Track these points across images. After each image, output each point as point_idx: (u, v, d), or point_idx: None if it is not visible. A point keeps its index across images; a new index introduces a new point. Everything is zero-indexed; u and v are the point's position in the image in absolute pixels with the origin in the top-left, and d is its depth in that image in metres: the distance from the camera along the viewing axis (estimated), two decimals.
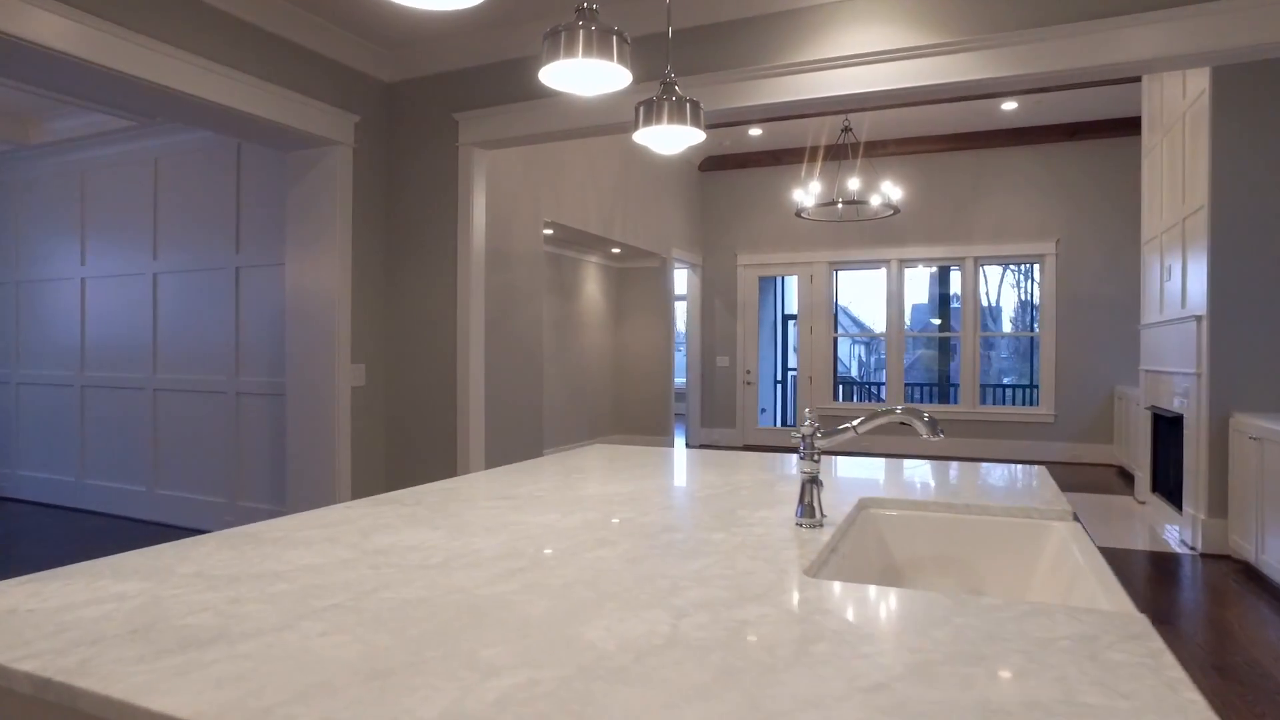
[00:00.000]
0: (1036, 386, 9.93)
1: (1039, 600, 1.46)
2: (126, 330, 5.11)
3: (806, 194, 6.24)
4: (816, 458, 1.51)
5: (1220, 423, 4.28)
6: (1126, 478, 7.06)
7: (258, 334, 4.50)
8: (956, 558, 1.75)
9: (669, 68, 2.13)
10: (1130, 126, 7.50)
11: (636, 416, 8.65)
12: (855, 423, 1.52)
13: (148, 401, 4.96)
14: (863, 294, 11.43)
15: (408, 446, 3.97)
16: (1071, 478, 7.04)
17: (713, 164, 9.29)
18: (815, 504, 1.49)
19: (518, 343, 5.48)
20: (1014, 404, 9.71)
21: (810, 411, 1.55)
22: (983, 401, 8.52)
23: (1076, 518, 1.69)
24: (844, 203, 6.08)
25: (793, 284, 10.61)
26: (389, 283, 4.04)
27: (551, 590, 1.04)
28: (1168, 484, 5.44)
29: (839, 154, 8.54)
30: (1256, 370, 4.22)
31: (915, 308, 13.09)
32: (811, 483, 1.50)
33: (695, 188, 9.33)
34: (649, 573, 1.13)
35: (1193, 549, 4.43)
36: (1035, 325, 8.35)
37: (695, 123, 2.09)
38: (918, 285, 11.61)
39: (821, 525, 1.48)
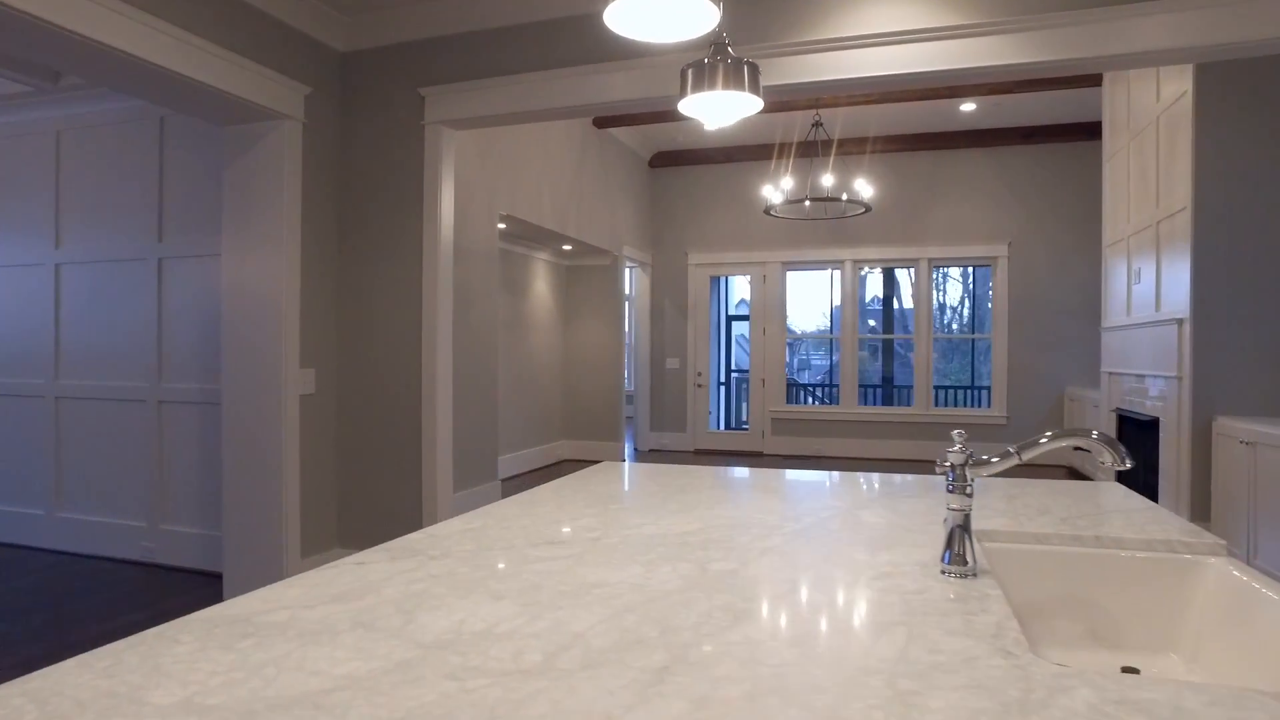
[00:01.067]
0: (985, 388, 10.04)
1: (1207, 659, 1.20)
2: (22, 330, 4.45)
3: (776, 190, 6.02)
4: (969, 490, 1.22)
5: (1203, 426, 4.25)
6: (1076, 478, 7.14)
7: (185, 335, 3.96)
8: (1087, 600, 1.49)
9: (721, 27, 1.82)
10: (1083, 132, 7.61)
11: (586, 421, 8.30)
12: (1015, 447, 1.23)
13: (48, 412, 4.33)
14: (799, 295, 11.32)
15: (365, 461, 3.53)
16: (1014, 476, 7.05)
17: (664, 160, 9.03)
18: (967, 549, 1.20)
19: (472, 344, 5.06)
20: (966, 406, 9.79)
21: (960, 434, 1.26)
22: (936, 404, 8.53)
23: (1230, 551, 1.48)
24: (812, 200, 5.89)
25: (736, 284, 10.46)
26: (343, 277, 3.58)
27: (736, 711, 0.72)
28: (1134, 486, 5.45)
29: (802, 151, 8.39)
30: (1239, 374, 4.21)
31: (810, 310, 13.08)
32: (964, 525, 1.21)
33: (646, 184, 9.04)
34: (842, 664, 0.82)
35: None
36: (974, 328, 8.42)
37: (754, 89, 1.78)
38: (821, 287, 11.62)
39: (975, 574, 1.19)
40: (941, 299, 11.97)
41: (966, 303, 11.96)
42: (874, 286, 13.85)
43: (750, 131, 8.16)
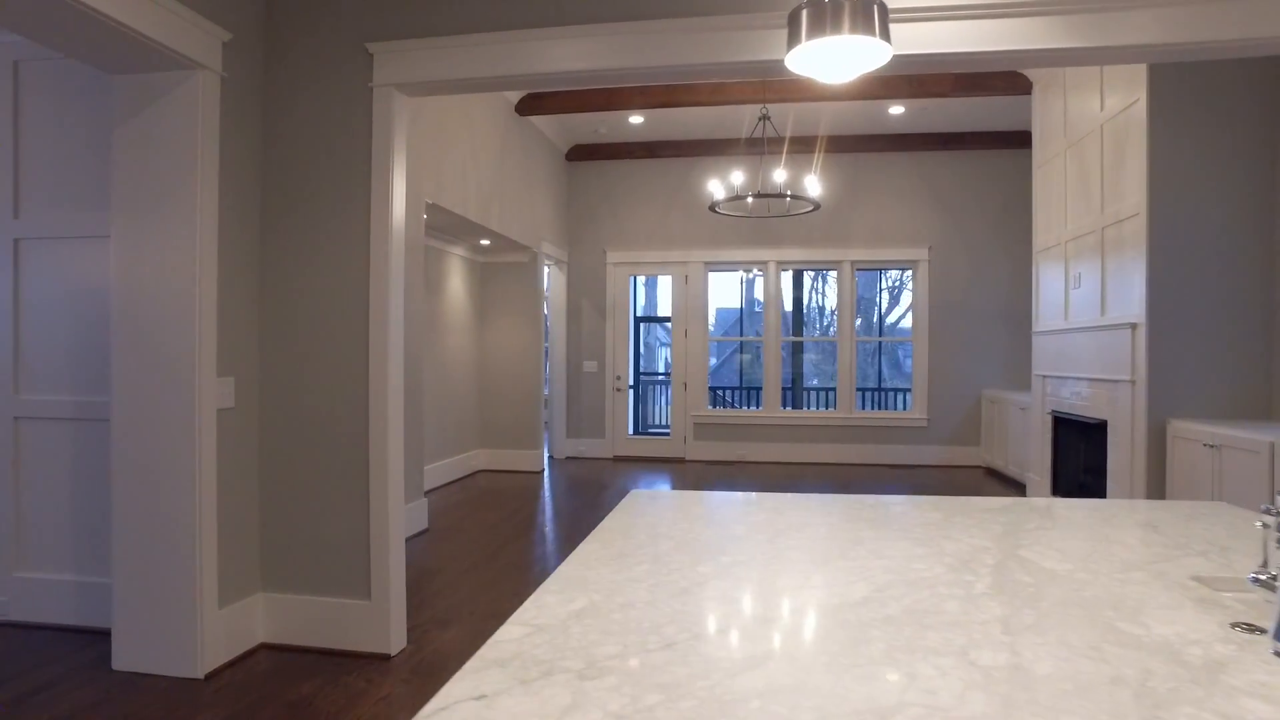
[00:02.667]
0: (901, 390, 10.24)
1: None
2: None
3: (721, 186, 5.76)
4: None
5: (1158, 429, 4.30)
6: (995, 477, 7.30)
7: (52, 336, 3.21)
8: None
9: None
10: (1001, 140, 7.81)
11: (503, 428, 7.76)
12: None
13: None
14: (719, 296, 11.19)
15: (296, 487, 2.94)
16: (947, 480, 7.16)
17: (582, 153, 8.61)
18: None
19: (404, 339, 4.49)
20: (887, 408, 9.91)
21: None
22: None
23: None
24: (756, 197, 5.67)
25: (644, 284, 10.18)
26: (270, 267, 2.98)
27: None
28: (1070, 487, 5.54)
29: (734, 148, 8.19)
30: (1192, 377, 4.28)
31: (721, 311, 13.13)
32: None
33: (563, 178, 8.60)
34: None
35: None
36: (874, 331, 8.54)
37: (883, 33, 1.45)
38: (729, 288, 11.63)
39: None
40: (820, 302, 12.19)
41: (876, 305, 12.22)
42: (749, 289, 13.94)
43: (674, 126, 7.89)
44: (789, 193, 5.62)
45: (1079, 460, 5.49)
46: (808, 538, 1.53)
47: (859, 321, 16.88)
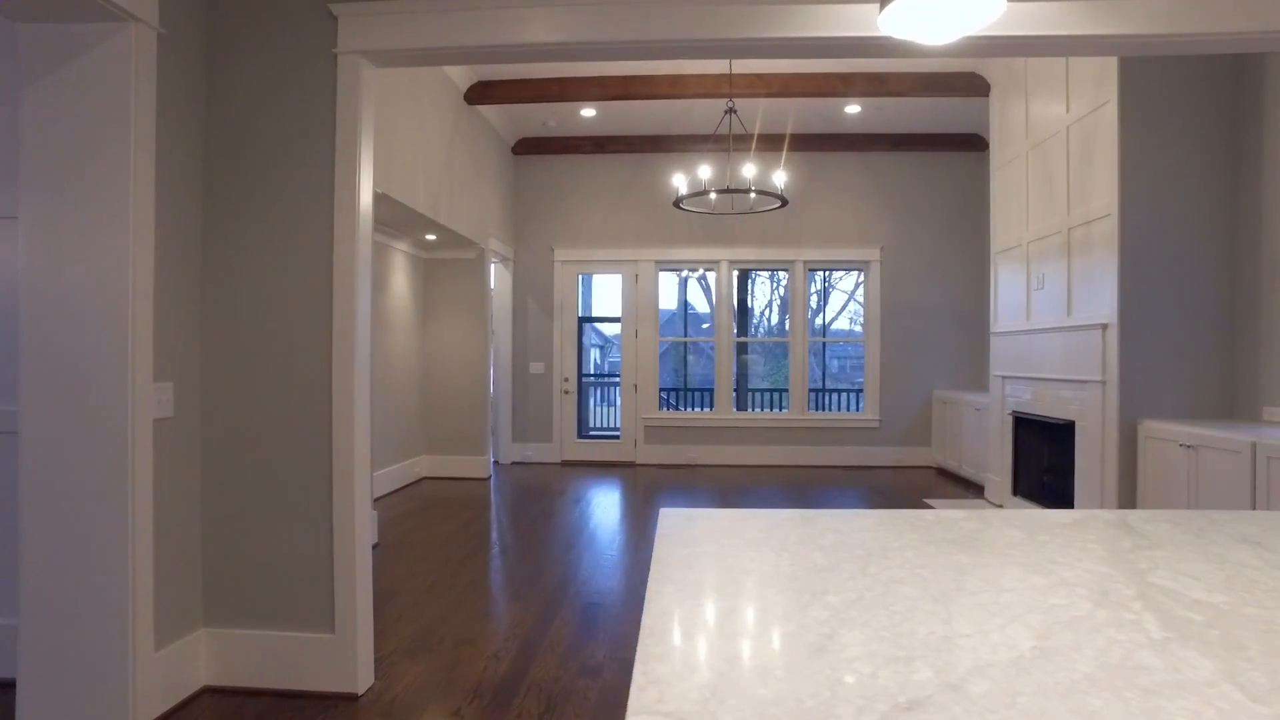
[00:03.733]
0: (850, 390, 10.27)
1: None
2: None
3: (685, 181, 5.56)
4: None
5: (1128, 430, 4.31)
6: (948, 477, 7.34)
7: None
8: None
9: None
10: (950, 142, 7.87)
11: (448, 432, 7.38)
12: None
13: None
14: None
15: (245, 506, 2.58)
16: (901, 481, 7.16)
17: (529, 147, 8.29)
18: None
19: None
20: (840, 409, 9.90)
21: None
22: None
23: None
24: (720, 192, 5.49)
25: (588, 283, 9.89)
26: (216, 256, 2.61)
27: None
28: (1031, 488, 5.57)
29: (692, 144, 8.00)
30: (1162, 378, 4.31)
31: (664, 312, 12.97)
32: None
33: (509, 172, 8.26)
34: None
35: None
36: (787, 333, 8.52)
37: None
38: (667, 288, 11.52)
39: None
40: (761, 302, 12.20)
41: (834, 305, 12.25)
42: (680, 288, 13.86)
43: (625, 120, 7.66)
44: (753, 189, 5.46)
45: (1041, 461, 5.52)
46: (901, 566, 1.32)
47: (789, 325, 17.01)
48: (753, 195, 5.58)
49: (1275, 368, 4.05)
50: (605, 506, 6.06)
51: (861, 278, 11.27)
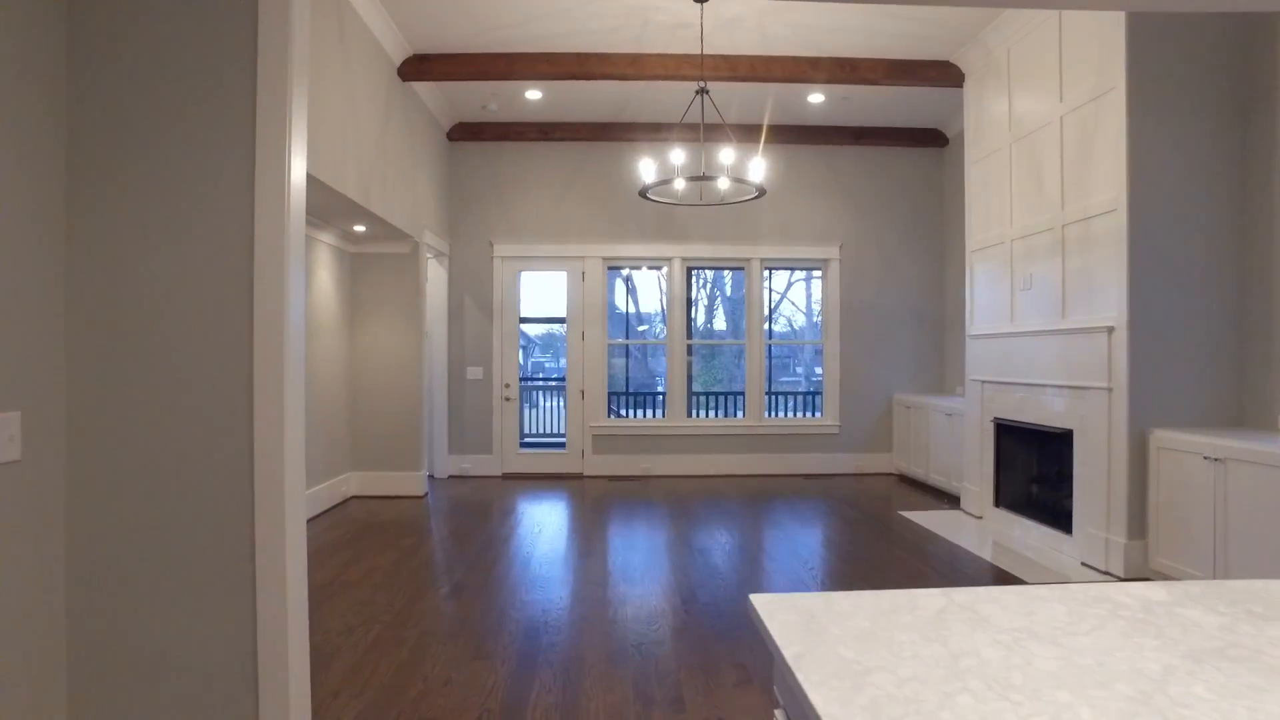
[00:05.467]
0: (806, 394, 9.95)
1: None
2: None
3: (653, 168, 5.03)
4: None
5: (1138, 440, 4.03)
6: (911, 485, 7.06)
7: None
8: None
9: None
10: (915, 137, 7.61)
11: (379, 446, 6.65)
12: None
13: None
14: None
15: (128, 582, 1.91)
16: (865, 489, 6.84)
17: (466, 133, 7.62)
18: None
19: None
20: (798, 414, 9.55)
21: None
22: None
23: None
24: (690, 179, 4.99)
25: (528, 281, 9.25)
26: (83, 248, 1.93)
27: None
28: (1016, 499, 5.28)
29: (637, 133, 7.47)
30: (1174, 384, 4.04)
31: (613, 313, 12.52)
32: None
33: (444, 159, 7.57)
34: None
35: (1107, 572, 4.15)
36: (756, 331, 8.17)
37: None
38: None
39: None
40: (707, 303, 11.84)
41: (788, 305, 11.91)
42: (627, 287, 13.42)
43: (575, 105, 7.09)
44: (729, 176, 4.98)
45: (1027, 470, 5.24)
46: (1093, 673, 0.83)
47: (728, 326, 16.69)
48: (724, 186, 5.10)
49: None
50: (559, 528, 5.48)
51: (798, 276, 10.99)
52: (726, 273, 15.79)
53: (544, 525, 5.54)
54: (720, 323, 16.79)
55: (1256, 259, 4.01)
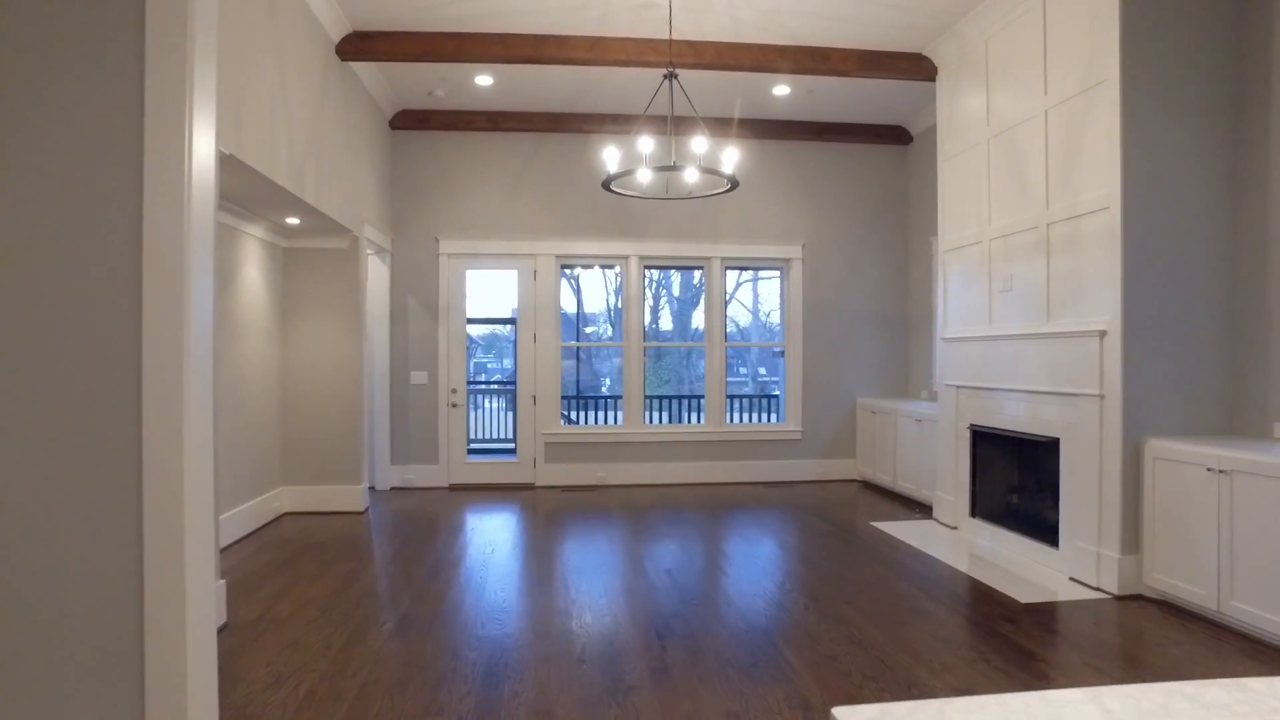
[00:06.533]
0: (765, 397, 9.71)
1: None
2: None
3: (618, 155, 4.66)
4: None
5: (1132, 450, 3.84)
6: (876, 492, 6.86)
7: None
8: None
9: None
10: (879, 134, 7.42)
11: (315, 458, 6.11)
12: None
13: None
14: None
15: None
16: (829, 497, 6.60)
17: (411, 120, 7.12)
18: None
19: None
20: (757, 420, 9.29)
21: None
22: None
23: None
24: (660, 170, 4.64)
25: (473, 279, 8.79)
26: None
27: None
28: (993, 509, 5.09)
29: (595, 124, 7.09)
30: (1170, 391, 3.86)
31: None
32: None
33: (386, 148, 7.06)
34: None
35: (1099, 589, 3.95)
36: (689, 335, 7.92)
37: None
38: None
39: None
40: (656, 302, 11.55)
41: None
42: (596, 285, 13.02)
43: (528, 93, 6.68)
44: (685, 167, 4.65)
45: (1006, 480, 5.05)
46: None
47: (674, 327, 16.39)
48: (692, 179, 4.76)
49: None
50: (514, 546, 5.07)
51: (746, 277, 10.79)
52: (674, 272, 15.53)
53: (497, 544, 5.12)
54: (666, 322, 16.47)
55: (1249, 261, 3.86)
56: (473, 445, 8.83)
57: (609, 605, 3.82)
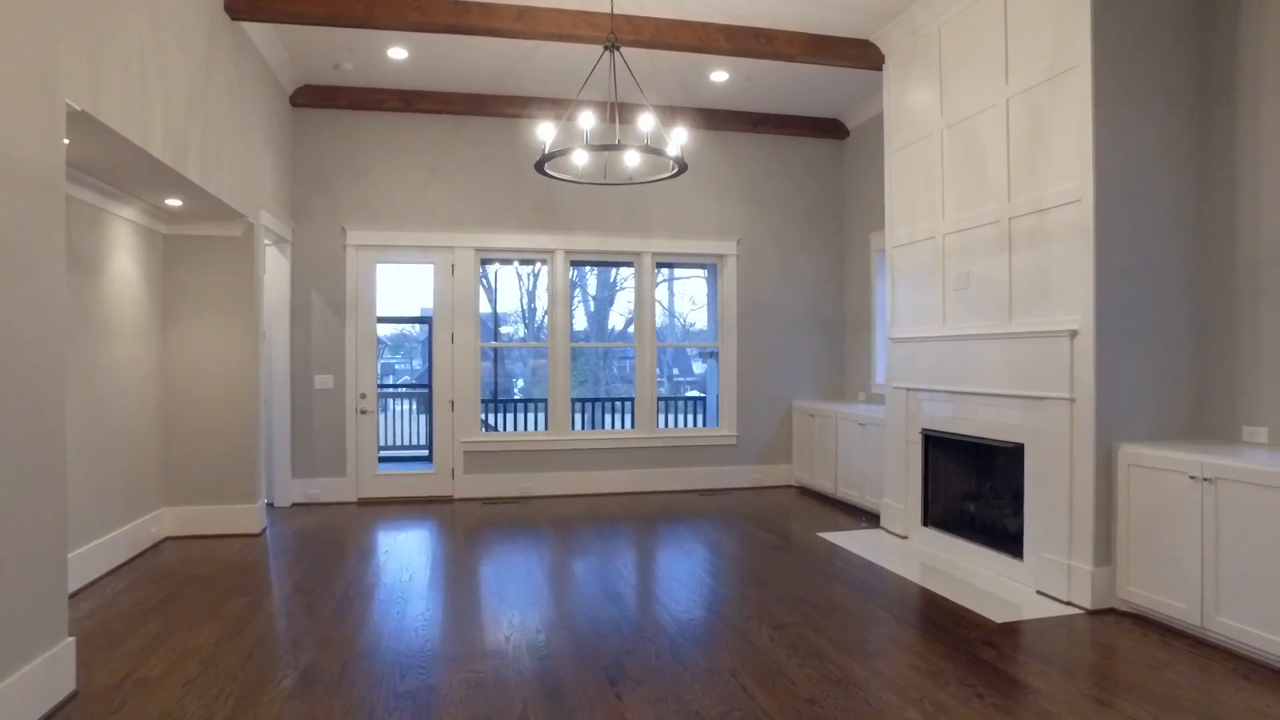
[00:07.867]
0: (690, 399, 9.38)
1: None
2: None
3: (551, 133, 4.17)
4: None
5: (1104, 456, 3.65)
6: (814, 498, 6.62)
7: None
8: None
9: None
10: (815, 127, 7.18)
11: (203, 474, 5.37)
12: None
13: None
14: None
15: None
16: (768, 505, 6.31)
17: (314, 97, 6.43)
18: None
19: (15, 356, 2.29)
20: (687, 424, 8.93)
21: None
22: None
23: None
24: (598, 149, 4.19)
25: (384, 274, 8.12)
26: None
27: None
28: (946, 518, 4.88)
29: (521, 107, 6.56)
30: (1142, 394, 3.69)
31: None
32: None
33: (286, 127, 6.34)
34: None
35: (1069, 603, 3.74)
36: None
37: None
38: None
39: None
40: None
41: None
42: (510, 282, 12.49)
43: (445, 70, 6.11)
44: (628, 147, 4.23)
45: (960, 486, 4.84)
46: None
47: (590, 326, 15.94)
48: (633, 162, 4.34)
49: (1255, 381, 3.55)
50: (435, 571, 4.52)
51: (662, 277, 10.56)
52: (589, 270, 15.07)
53: (415, 569, 4.55)
54: (581, 322, 15.98)
55: (1216, 257, 3.74)
56: (383, 454, 8.15)
57: (549, 643, 3.34)
